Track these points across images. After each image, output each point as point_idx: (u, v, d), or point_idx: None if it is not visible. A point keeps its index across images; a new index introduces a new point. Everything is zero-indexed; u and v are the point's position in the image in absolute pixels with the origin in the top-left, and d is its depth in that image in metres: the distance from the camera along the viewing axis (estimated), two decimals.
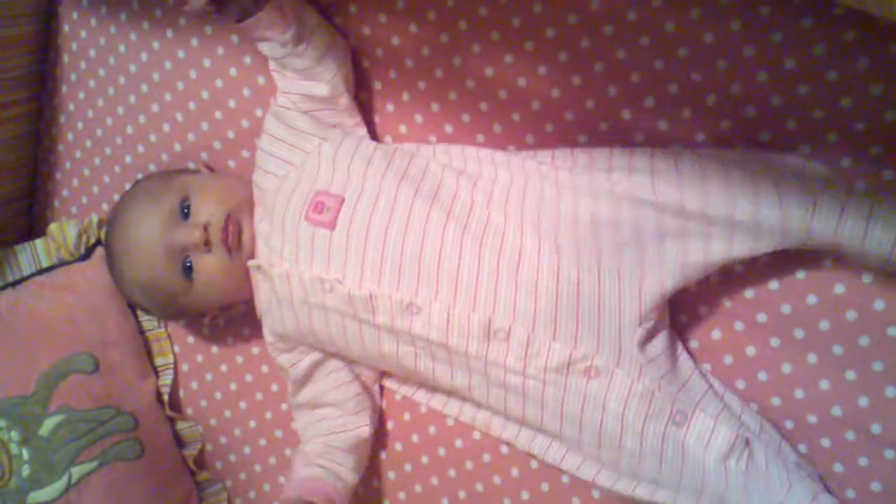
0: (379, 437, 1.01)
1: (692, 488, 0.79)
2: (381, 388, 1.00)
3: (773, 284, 0.80)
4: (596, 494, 0.91)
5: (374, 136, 0.94)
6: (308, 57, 0.86)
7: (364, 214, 0.82)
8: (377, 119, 0.95)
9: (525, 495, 0.95)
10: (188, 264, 0.90)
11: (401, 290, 0.80)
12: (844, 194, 0.72)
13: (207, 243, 0.88)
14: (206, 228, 0.88)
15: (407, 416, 0.99)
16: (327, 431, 0.94)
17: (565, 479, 0.92)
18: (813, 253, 0.78)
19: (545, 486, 0.94)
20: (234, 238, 0.90)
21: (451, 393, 0.92)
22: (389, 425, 1.01)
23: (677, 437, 0.78)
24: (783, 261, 0.79)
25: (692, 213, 0.75)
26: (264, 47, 0.86)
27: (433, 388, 0.94)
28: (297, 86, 0.87)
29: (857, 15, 0.72)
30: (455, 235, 0.79)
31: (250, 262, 0.90)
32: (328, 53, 0.87)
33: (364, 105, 0.94)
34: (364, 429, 0.95)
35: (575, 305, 0.77)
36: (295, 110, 0.88)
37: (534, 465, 0.94)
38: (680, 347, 0.83)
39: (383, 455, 1.02)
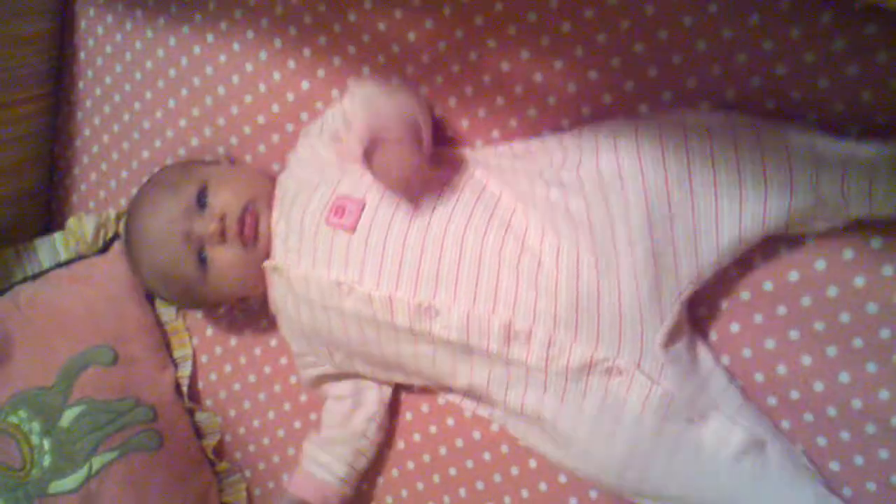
0: None
1: (696, 498, 0.79)
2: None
3: (793, 276, 0.80)
4: (593, 495, 0.91)
5: None
6: None
7: (384, 219, 0.82)
8: None
9: (525, 493, 0.95)
10: (203, 255, 0.90)
11: (418, 293, 0.80)
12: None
13: (223, 234, 0.88)
14: (222, 219, 0.88)
15: (409, 416, 1.00)
16: (334, 423, 0.97)
17: (563, 479, 0.93)
18: (832, 244, 0.78)
19: (543, 486, 0.94)
20: (251, 230, 0.89)
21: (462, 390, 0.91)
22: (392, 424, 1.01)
23: (693, 438, 0.78)
24: (803, 252, 0.79)
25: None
26: None
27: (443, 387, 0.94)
28: None
29: (876, 10, 0.71)
30: (475, 239, 0.79)
31: (266, 264, 0.89)
32: None
33: None
34: (371, 424, 0.97)
35: (595, 307, 0.76)
36: None
37: (532, 464, 0.94)
38: (700, 341, 0.83)
39: (386, 452, 1.02)
